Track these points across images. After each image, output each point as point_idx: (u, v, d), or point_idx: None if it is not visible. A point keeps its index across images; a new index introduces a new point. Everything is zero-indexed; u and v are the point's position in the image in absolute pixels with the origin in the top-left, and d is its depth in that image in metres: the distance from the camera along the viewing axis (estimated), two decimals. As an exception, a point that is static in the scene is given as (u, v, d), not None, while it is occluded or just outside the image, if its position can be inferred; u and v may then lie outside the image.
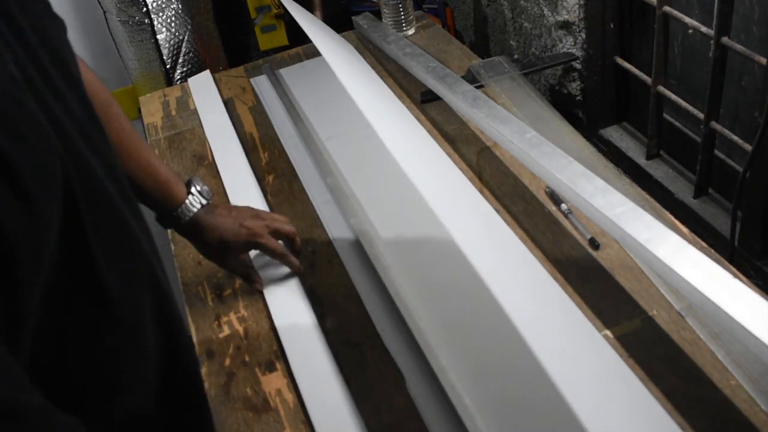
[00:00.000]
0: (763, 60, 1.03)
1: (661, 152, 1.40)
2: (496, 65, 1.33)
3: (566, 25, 1.45)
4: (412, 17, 1.56)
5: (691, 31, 1.19)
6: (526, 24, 1.61)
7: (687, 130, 1.33)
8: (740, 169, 1.10)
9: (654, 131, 1.37)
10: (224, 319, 0.94)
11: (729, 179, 1.21)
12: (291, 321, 0.91)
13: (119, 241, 0.51)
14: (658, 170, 1.39)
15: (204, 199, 0.87)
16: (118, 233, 0.52)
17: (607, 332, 0.82)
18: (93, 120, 0.52)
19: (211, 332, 0.93)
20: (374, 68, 1.36)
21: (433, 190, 0.74)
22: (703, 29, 1.13)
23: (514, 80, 1.28)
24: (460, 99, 1.08)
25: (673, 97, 1.27)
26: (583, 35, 1.43)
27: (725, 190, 1.27)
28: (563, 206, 1.00)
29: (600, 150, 1.46)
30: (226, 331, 0.92)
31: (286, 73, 1.49)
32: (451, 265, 0.93)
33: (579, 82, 1.51)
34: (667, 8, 1.21)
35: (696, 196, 1.29)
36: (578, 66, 1.48)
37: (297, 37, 1.69)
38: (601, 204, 0.80)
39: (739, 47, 1.08)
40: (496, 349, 0.82)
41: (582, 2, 1.39)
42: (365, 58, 1.43)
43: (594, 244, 0.94)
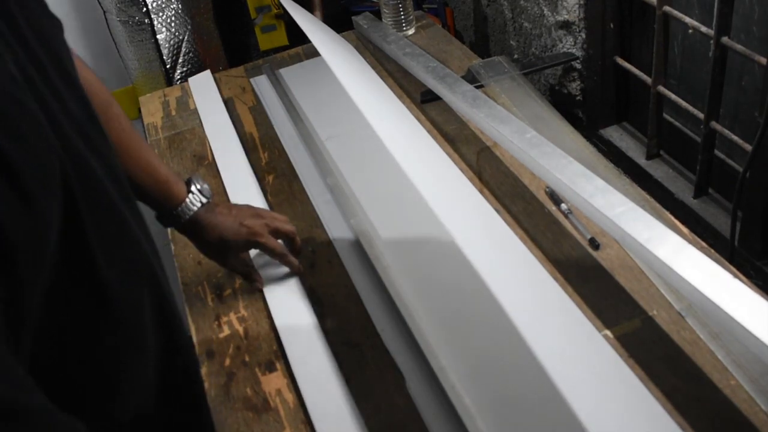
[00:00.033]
0: (763, 60, 1.03)
1: (661, 152, 1.40)
2: (496, 65, 1.33)
3: (566, 25, 1.45)
4: (412, 17, 1.56)
5: (691, 31, 1.19)
6: (526, 24, 1.61)
7: (687, 130, 1.33)
8: (740, 169, 1.10)
9: (654, 131, 1.37)
10: (224, 319, 0.94)
11: (729, 179, 1.21)
12: (291, 321, 0.91)
13: (119, 240, 0.51)
14: (658, 170, 1.39)
15: (204, 198, 0.87)
16: (118, 233, 0.52)
17: (607, 332, 0.82)
18: (92, 120, 0.52)
19: (211, 332, 0.93)
20: (374, 68, 1.36)
21: (433, 190, 0.73)
22: (703, 29, 1.13)
23: (514, 80, 1.28)
24: (460, 99, 1.08)
25: (673, 97, 1.27)
26: (583, 35, 1.43)
27: (725, 190, 1.27)
28: (563, 206, 1.00)
29: (600, 150, 1.46)
30: (226, 331, 0.92)
31: (286, 73, 1.49)
32: (451, 265, 0.93)
33: (579, 82, 1.51)
34: (667, 8, 1.21)
35: (696, 196, 1.29)
36: (578, 66, 1.48)
37: (297, 37, 1.69)
38: (601, 204, 0.80)
39: (739, 47, 1.08)
40: (495, 349, 0.82)
41: (582, 2, 1.39)
42: (365, 58, 1.43)
43: (594, 244, 0.94)
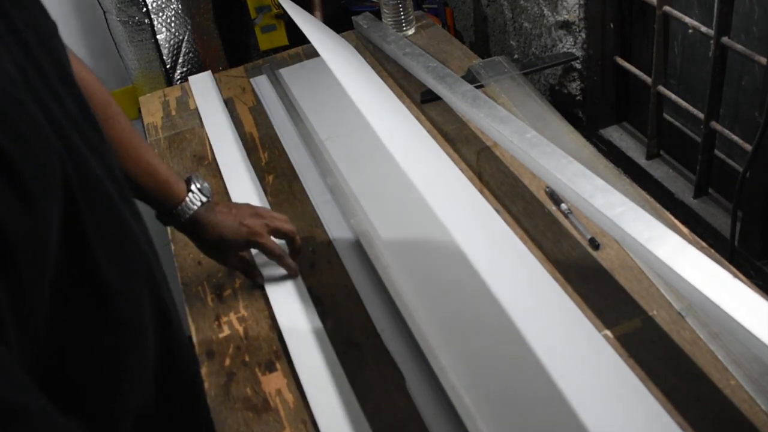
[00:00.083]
0: (763, 60, 1.03)
1: (661, 152, 1.40)
2: (496, 65, 1.33)
3: (566, 25, 1.45)
4: (412, 17, 1.56)
5: (691, 31, 1.19)
6: (526, 24, 1.61)
7: (687, 130, 1.33)
8: (740, 169, 1.10)
9: (654, 131, 1.37)
10: (224, 319, 0.94)
11: (729, 179, 1.21)
12: (294, 319, 0.91)
13: (119, 240, 0.51)
14: (658, 170, 1.38)
15: (204, 197, 0.87)
16: (118, 233, 0.52)
17: (607, 332, 0.82)
18: (89, 119, 0.52)
19: (211, 332, 0.93)
20: (374, 68, 1.36)
21: (433, 190, 0.73)
22: (703, 29, 1.13)
23: (514, 80, 1.28)
24: (460, 99, 1.08)
25: (673, 97, 1.27)
26: (583, 35, 1.43)
27: (725, 190, 1.27)
28: (563, 206, 1.00)
29: (600, 150, 1.46)
30: (226, 331, 0.92)
31: (286, 73, 1.49)
32: (451, 264, 0.93)
33: (579, 82, 1.51)
34: (667, 8, 1.21)
35: (696, 196, 1.29)
36: (578, 66, 1.48)
37: (297, 37, 1.69)
38: (601, 204, 0.80)
39: (739, 47, 1.08)
40: (495, 348, 0.82)
41: (582, 2, 1.39)
42: (365, 58, 1.43)
43: (594, 244, 0.93)
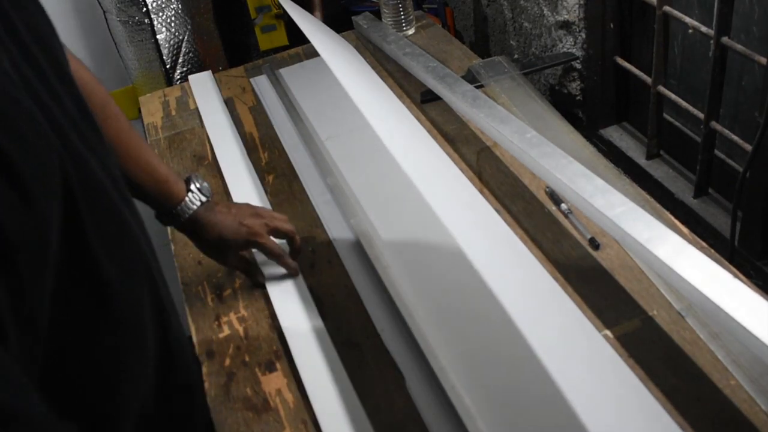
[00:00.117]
0: (763, 60, 1.03)
1: (661, 152, 1.40)
2: (496, 65, 1.33)
3: (566, 25, 1.45)
4: (412, 17, 1.56)
5: (691, 31, 1.19)
6: (526, 24, 1.61)
7: (687, 130, 1.33)
8: (740, 169, 1.10)
9: (654, 131, 1.37)
10: (224, 319, 0.94)
11: (729, 179, 1.21)
12: (295, 319, 0.91)
13: (119, 240, 0.51)
14: (658, 170, 1.38)
15: (203, 197, 0.87)
16: (118, 233, 0.52)
17: (607, 332, 0.82)
18: (88, 119, 0.52)
19: (211, 332, 0.93)
20: (374, 68, 1.36)
21: (433, 190, 0.73)
22: (703, 29, 1.13)
23: (514, 80, 1.28)
24: (460, 99, 1.08)
25: (673, 97, 1.27)
26: (583, 35, 1.43)
27: (725, 190, 1.27)
28: (563, 206, 1.00)
29: (600, 150, 1.46)
30: (226, 331, 0.92)
31: (286, 73, 1.49)
32: (451, 264, 0.93)
33: (579, 82, 1.51)
34: (667, 8, 1.21)
35: (696, 196, 1.29)
36: (578, 66, 1.48)
37: (297, 37, 1.69)
38: (601, 204, 0.80)
39: (739, 47, 1.07)
40: (495, 348, 0.82)
41: (582, 2, 1.39)
42: (365, 58, 1.43)
43: (594, 244, 0.93)
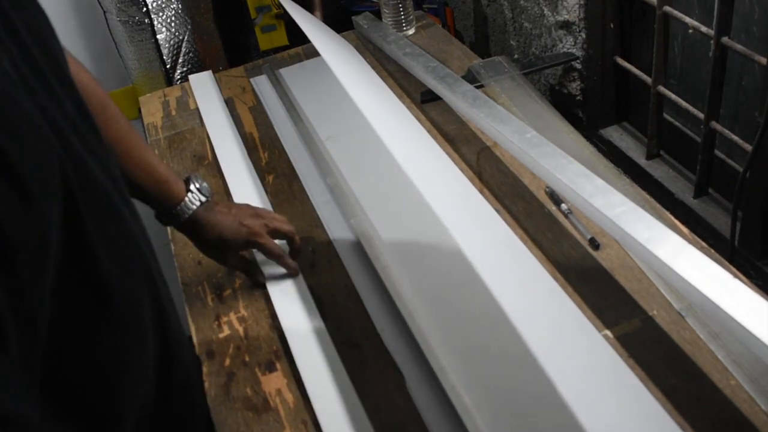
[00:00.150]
0: (763, 60, 1.03)
1: (661, 152, 1.40)
2: (496, 65, 1.33)
3: (566, 25, 1.45)
4: (412, 17, 1.56)
5: (691, 31, 1.19)
6: (526, 24, 1.61)
7: (687, 130, 1.33)
8: (740, 169, 1.10)
9: (654, 131, 1.37)
10: (224, 319, 0.94)
11: (729, 179, 1.21)
12: (295, 319, 0.91)
13: (118, 240, 0.51)
14: (658, 170, 1.38)
15: (203, 197, 0.87)
16: (118, 233, 0.52)
17: (607, 332, 0.82)
18: (87, 120, 0.52)
19: (211, 332, 0.93)
20: (374, 68, 1.36)
21: (433, 190, 0.73)
22: (703, 29, 1.13)
23: (514, 80, 1.28)
24: (460, 99, 1.08)
25: (673, 97, 1.27)
26: (583, 35, 1.43)
27: (725, 190, 1.26)
28: (563, 206, 1.00)
29: (600, 150, 1.46)
30: (226, 331, 0.92)
31: (286, 73, 1.49)
32: (451, 265, 0.93)
33: (579, 82, 1.51)
34: (667, 8, 1.21)
35: (696, 196, 1.29)
36: (578, 66, 1.48)
37: (297, 37, 1.69)
38: (601, 204, 0.80)
39: (739, 47, 1.07)
40: (495, 348, 0.82)
41: (582, 2, 1.39)
42: (365, 58, 1.43)
43: (594, 244, 0.93)
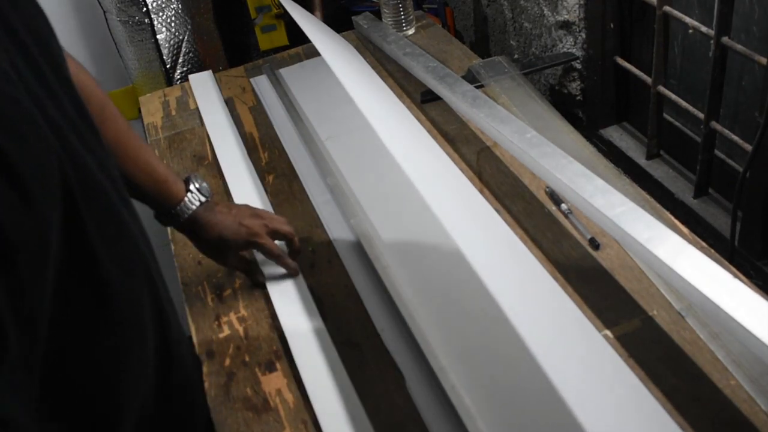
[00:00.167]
0: (763, 60, 1.03)
1: (661, 152, 1.40)
2: (496, 65, 1.33)
3: (566, 25, 1.45)
4: (412, 17, 1.56)
5: (691, 31, 1.19)
6: (526, 24, 1.61)
7: (687, 130, 1.33)
8: (740, 169, 1.10)
9: (654, 131, 1.37)
10: (224, 319, 0.94)
11: (729, 179, 1.21)
12: (295, 319, 0.91)
13: (118, 239, 0.51)
14: (658, 170, 1.38)
15: (203, 197, 0.87)
16: (118, 233, 0.52)
17: (607, 332, 0.82)
18: (86, 120, 0.52)
19: (211, 332, 0.93)
20: (374, 68, 1.36)
21: (432, 190, 0.73)
22: (703, 29, 1.13)
23: (514, 80, 1.28)
24: (460, 99, 1.08)
25: (673, 97, 1.27)
26: (583, 35, 1.43)
27: (725, 190, 1.26)
28: (563, 206, 1.00)
29: (600, 150, 1.46)
30: (226, 331, 0.92)
31: (286, 73, 1.49)
32: (450, 265, 0.93)
33: (579, 82, 1.51)
34: (667, 8, 1.21)
35: (696, 196, 1.29)
36: (578, 66, 1.48)
37: (297, 37, 1.69)
38: (601, 204, 0.80)
39: (739, 47, 1.07)
40: (495, 349, 0.82)
41: (582, 2, 1.39)
42: (365, 58, 1.43)
43: (594, 244, 0.93)
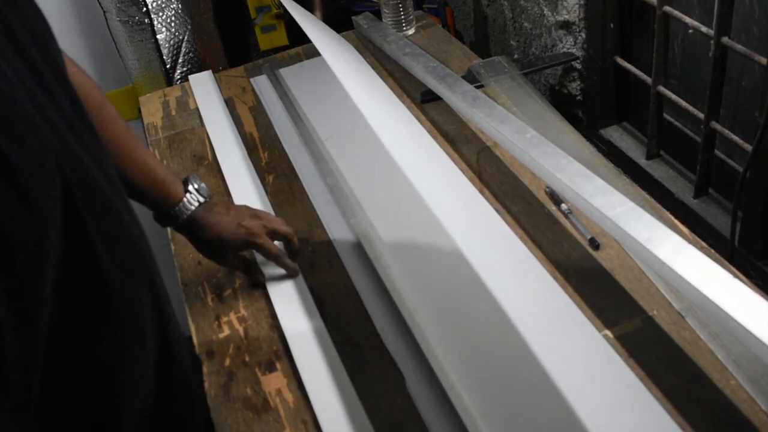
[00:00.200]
0: (763, 60, 1.03)
1: (661, 152, 1.40)
2: (496, 65, 1.33)
3: (566, 25, 1.45)
4: (412, 17, 1.56)
5: (691, 31, 1.19)
6: (526, 24, 1.61)
7: (687, 130, 1.33)
8: (740, 169, 1.10)
9: (654, 131, 1.37)
10: (224, 319, 0.94)
11: (729, 179, 1.21)
12: (295, 319, 0.91)
13: (118, 240, 0.51)
14: (658, 170, 1.38)
15: (201, 197, 0.87)
16: (117, 232, 0.52)
17: (607, 332, 0.82)
18: (84, 120, 0.52)
19: (211, 332, 0.93)
20: (374, 68, 1.36)
21: (432, 190, 0.73)
22: (703, 29, 1.13)
23: (514, 80, 1.28)
24: (460, 99, 1.08)
25: (673, 97, 1.27)
26: (583, 35, 1.43)
27: (725, 190, 1.26)
28: (563, 206, 1.00)
29: (600, 150, 1.46)
30: (226, 331, 0.92)
31: (286, 73, 1.49)
32: (450, 265, 0.93)
33: (579, 82, 1.51)
34: (667, 8, 1.21)
35: (696, 196, 1.29)
36: (578, 66, 1.48)
37: (297, 37, 1.69)
38: (601, 204, 0.80)
39: (739, 47, 1.07)
40: (495, 348, 0.82)
41: (582, 2, 1.39)
42: (365, 58, 1.43)
43: (594, 244, 0.93)
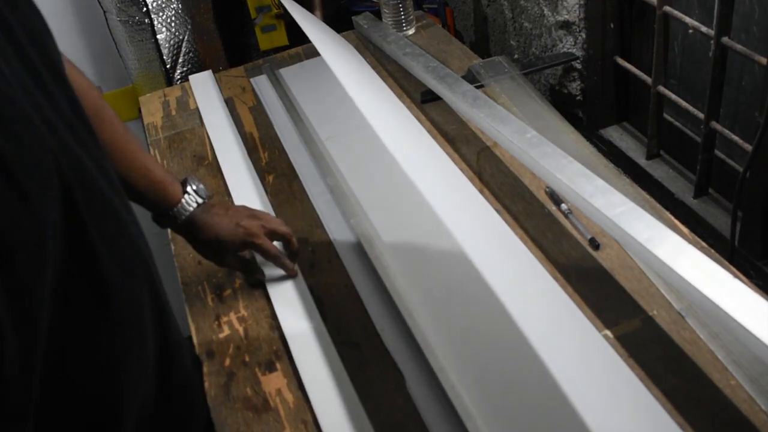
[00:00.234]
0: (763, 60, 1.03)
1: (661, 152, 1.40)
2: (496, 65, 1.33)
3: (566, 25, 1.45)
4: (412, 17, 1.56)
5: (691, 31, 1.19)
6: (526, 24, 1.61)
7: (687, 130, 1.33)
8: (740, 169, 1.10)
9: (654, 131, 1.37)
10: (224, 319, 0.94)
11: (729, 179, 1.21)
12: (295, 319, 0.91)
13: (118, 239, 0.51)
14: (658, 170, 1.38)
15: (200, 198, 0.87)
16: (117, 232, 0.52)
17: (607, 332, 0.82)
18: (82, 120, 0.52)
19: (211, 332, 0.93)
20: (374, 68, 1.36)
21: (433, 189, 0.73)
22: (703, 29, 1.13)
23: (514, 80, 1.28)
24: (460, 99, 1.08)
25: (673, 97, 1.27)
26: (583, 35, 1.43)
27: (725, 190, 1.26)
28: (563, 206, 1.00)
29: (600, 150, 1.46)
30: (226, 331, 0.92)
31: (286, 73, 1.49)
32: (451, 264, 0.93)
33: (579, 82, 1.51)
34: (667, 8, 1.21)
35: (696, 196, 1.29)
36: (578, 66, 1.48)
37: (297, 37, 1.69)
38: (601, 204, 0.80)
39: (739, 47, 1.07)
40: (495, 348, 0.82)
41: (582, 2, 1.39)
42: (365, 58, 1.43)
43: (594, 244, 0.93)
